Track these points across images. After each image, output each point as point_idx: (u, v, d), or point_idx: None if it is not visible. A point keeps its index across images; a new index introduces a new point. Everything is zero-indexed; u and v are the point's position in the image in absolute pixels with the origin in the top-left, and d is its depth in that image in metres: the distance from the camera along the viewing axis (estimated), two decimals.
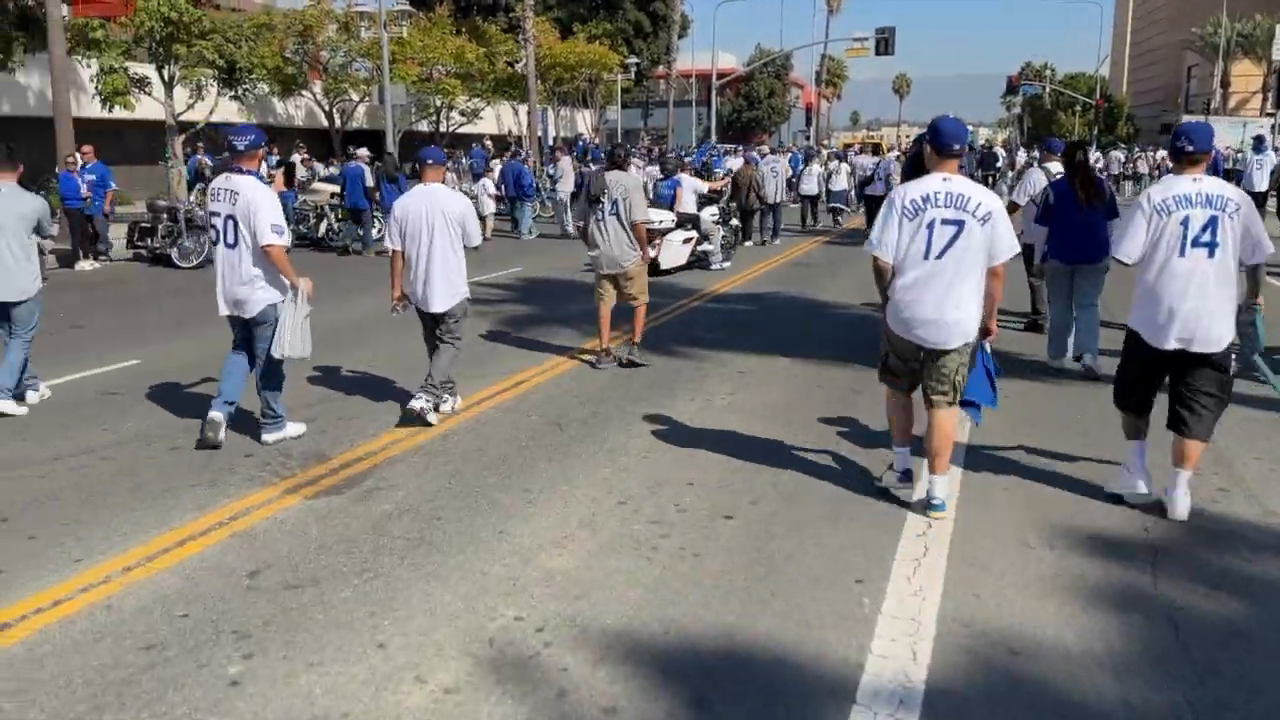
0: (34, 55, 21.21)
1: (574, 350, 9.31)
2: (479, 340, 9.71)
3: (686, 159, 25.21)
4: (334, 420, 6.93)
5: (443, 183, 7.12)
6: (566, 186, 22.01)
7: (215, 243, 6.29)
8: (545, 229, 21.90)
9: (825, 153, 32.05)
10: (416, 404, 6.70)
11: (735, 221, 17.81)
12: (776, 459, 6.01)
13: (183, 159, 21.83)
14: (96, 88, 20.84)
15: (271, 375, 6.43)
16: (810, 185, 23.01)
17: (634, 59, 47.96)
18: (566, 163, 22.58)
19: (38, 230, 7.52)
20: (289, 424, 6.50)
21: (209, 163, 22.21)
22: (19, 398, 7.35)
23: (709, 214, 16.02)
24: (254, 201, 6.07)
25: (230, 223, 6.12)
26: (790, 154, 28.79)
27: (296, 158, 25.83)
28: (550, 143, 38.10)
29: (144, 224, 16.86)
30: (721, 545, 4.71)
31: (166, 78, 21.69)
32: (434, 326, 7.05)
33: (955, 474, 5.53)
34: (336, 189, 19.74)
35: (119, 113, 21.20)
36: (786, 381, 8.10)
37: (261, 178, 6.42)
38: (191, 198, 18.35)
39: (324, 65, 32.29)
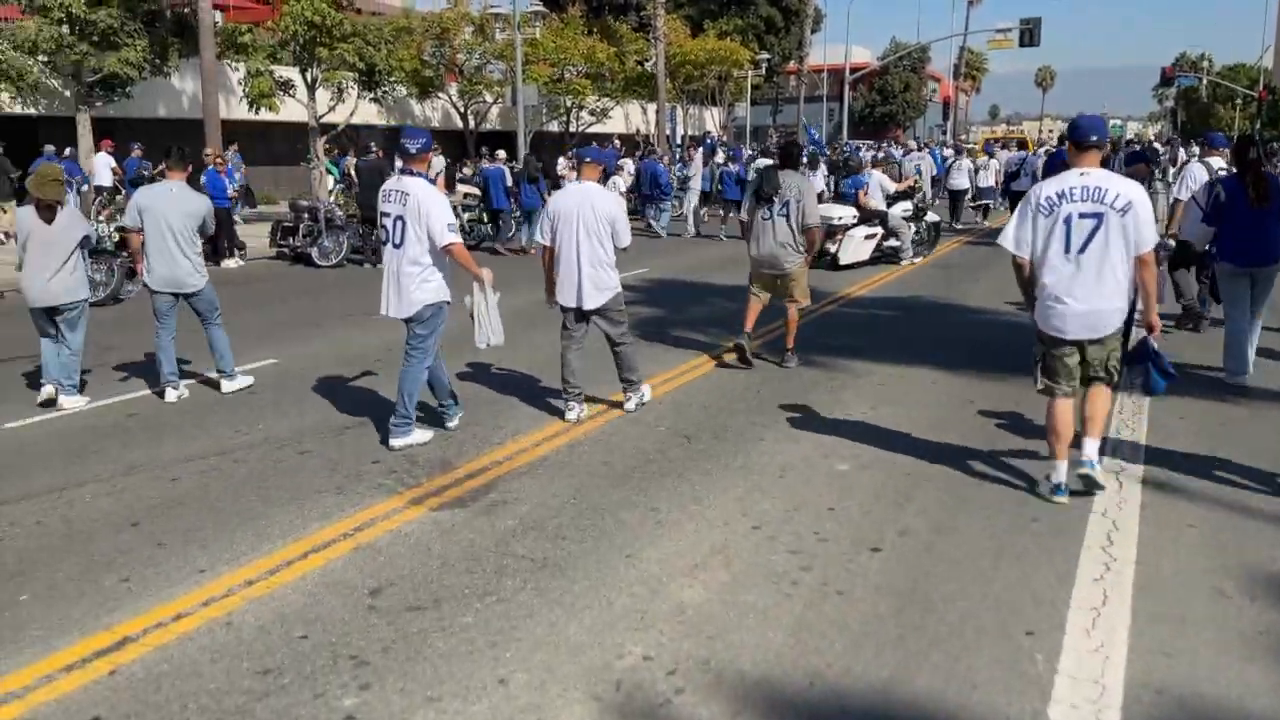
0: (188, 60, 22.16)
1: (703, 356, 8.97)
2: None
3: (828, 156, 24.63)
4: (461, 425, 6.79)
5: (599, 181, 7.08)
6: (698, 185, 21.73)
7: (384, 243, 6.31)
8: (673, 228, 21.63)
9: (969, 148, 30.80)
10: (572, 415, 6.87)
11: (933, 217, 17.36)
12: (925, 483, 5.54)
13: (324, 160, 22.45)
14: (244, 90, 21.61)
15: (416, 378, 6.37)
16: (960, 180, 22.17)
17: (765, 55, 47.22)
18: (699, 161, 22.31)
19: (201, 229, 7.78)
20: (417, 430, 6.40)
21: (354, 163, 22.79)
22: (160, 394, 7.55)
23: (900, 210, 15.93)
24: (425, 203, 6.07)
25: (400, 223, 6.12)
26: (929, 149, 27.76)
27: (441, 161, 26.36)
28: (679, 141, 37.87)
29: (286, 223, 17.34)
30: (869, 582, 4.29)
31: (309, 80, 22.34)
32: (581, 324, 7.02)
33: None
34: (474, 190, 19.98)
35: (264, 114, 21.95)
36: (931, 394, 7.57)
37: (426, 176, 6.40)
38: (331, 198, 18.80)
39: (459, 67, 32.87)
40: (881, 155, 24.04)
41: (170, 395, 7.60)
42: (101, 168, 19.21)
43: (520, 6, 26.12)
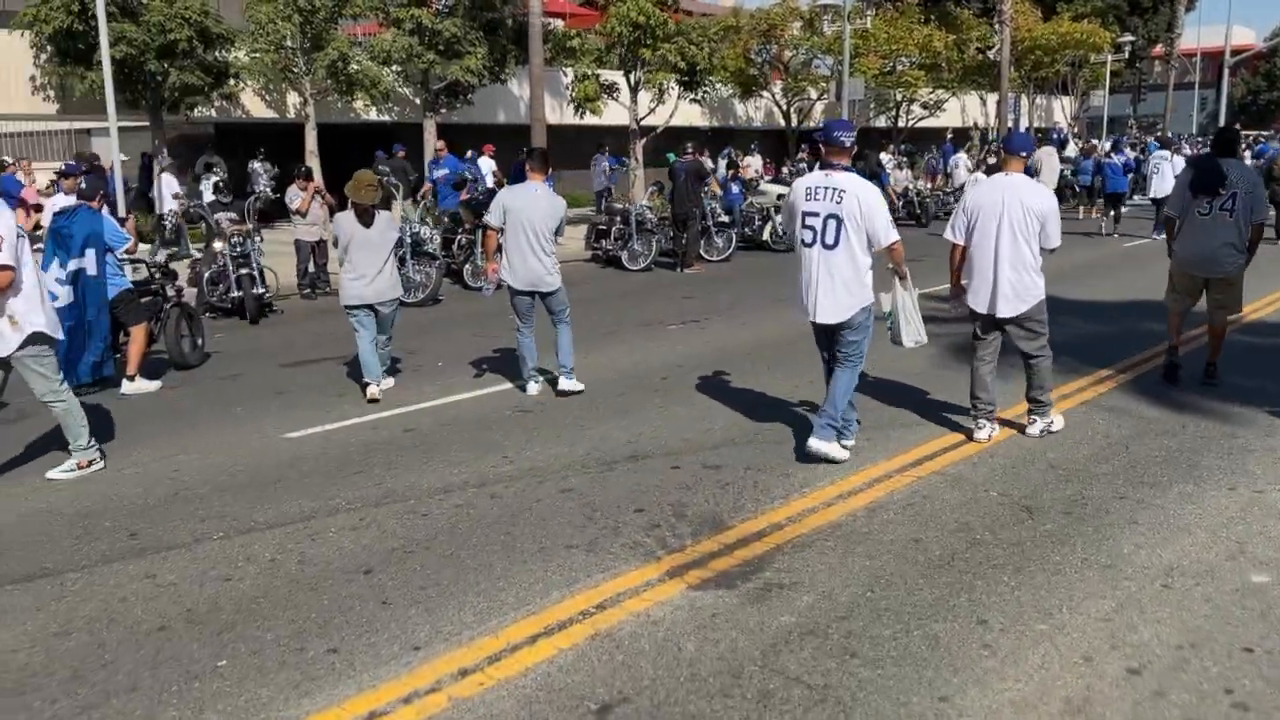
0: (523, 66, 22.87)
1: (1062, 391, 7.33)
2: (930, 367, 8.09)
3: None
4: (740, 469, 5.77)
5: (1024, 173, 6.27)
6: (1051, 180, 19.38)
7: (808, 245, 5.73)
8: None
9: None
10: (983, 434, 6.20)
11: None
12: None
13: (643, 162, 22.36)
14: (570, 95, 21.96)
15: (851, 384, 5.89)
16: None
17: (1128, 37, 42.18)
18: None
19: (556, 231, 7.64)
20: (837, 443, 5.92)
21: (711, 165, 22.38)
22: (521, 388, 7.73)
23: None
24: (866, 200, 5.62)
25: (832, 222, 5.64)
26: None
27: (751, 160, 25.66)
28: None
29: (600, 226, 17.23)
30: None
31: (632, 83, 22.33)
32: (993, 332, 6.23)
33: None
34: (786, 190, 18.97)
35: (588, 118, 22.22)
36: None
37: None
38: (646, 200, 18.51)
39: (785, 64, 31.94)
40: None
41: (532, 388, 7.73)
42: (484, 171, 19.78)
43: None
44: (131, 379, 8.15)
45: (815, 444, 5.79)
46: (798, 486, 5.50)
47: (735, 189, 19.28)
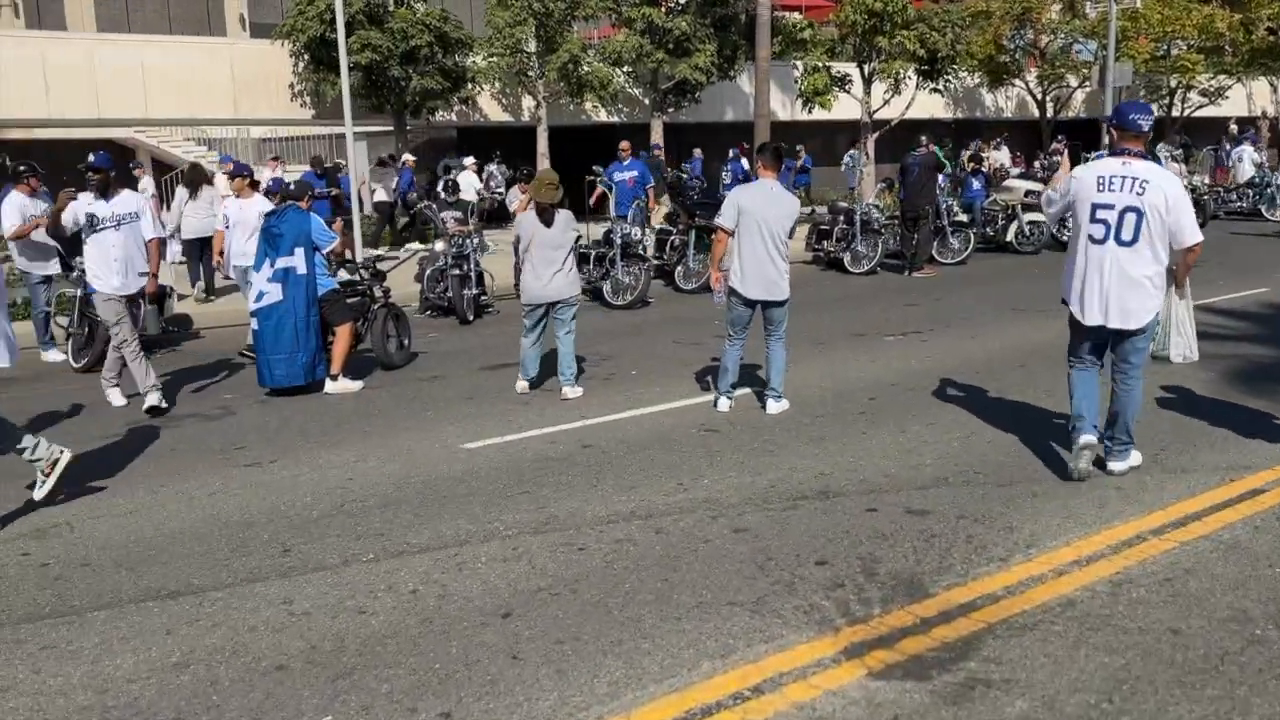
0: (753, 62, 22.24)
1: None
2: (1205, 391, 6.80)
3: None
4: (952, 518, 4.90)
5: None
6: None
7: (1100, 241, 5.17)
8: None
9: None
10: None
11: None
12: None
13: (873, 159, 21.15)
14: (800, 89, 21.12)
15: (1138, 398, 5.42)
16: None
17: None
18: None
19: (790, 233, 7.02)
20: (1134, 451, 5.51)
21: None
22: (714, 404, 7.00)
23: None
24: (1174, 194, 5.09)
25: (1131, 216, 5.11)
26: None
27: (997, 153, 23.79)
28: None
29: (823, 225, 16.33)
30: None
31: (865, 74, 21.17)
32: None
33: None
34: (1036, 187, 17.29)
35: (817, 113, 21.29)
36: None
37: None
38: (871, 199, 17.42)
39: (1041, 50, 29.51)
40: None
41: (723, 405, 7.11)
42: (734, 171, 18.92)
43: None
44: (335, 379, 8.22)
45: (1117, 466, 5.44)
46: (1022, 545, 4.57)
47: (976, 184, 17.79)
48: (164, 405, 7.59)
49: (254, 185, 10.26)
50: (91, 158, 8.94)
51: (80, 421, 7.54)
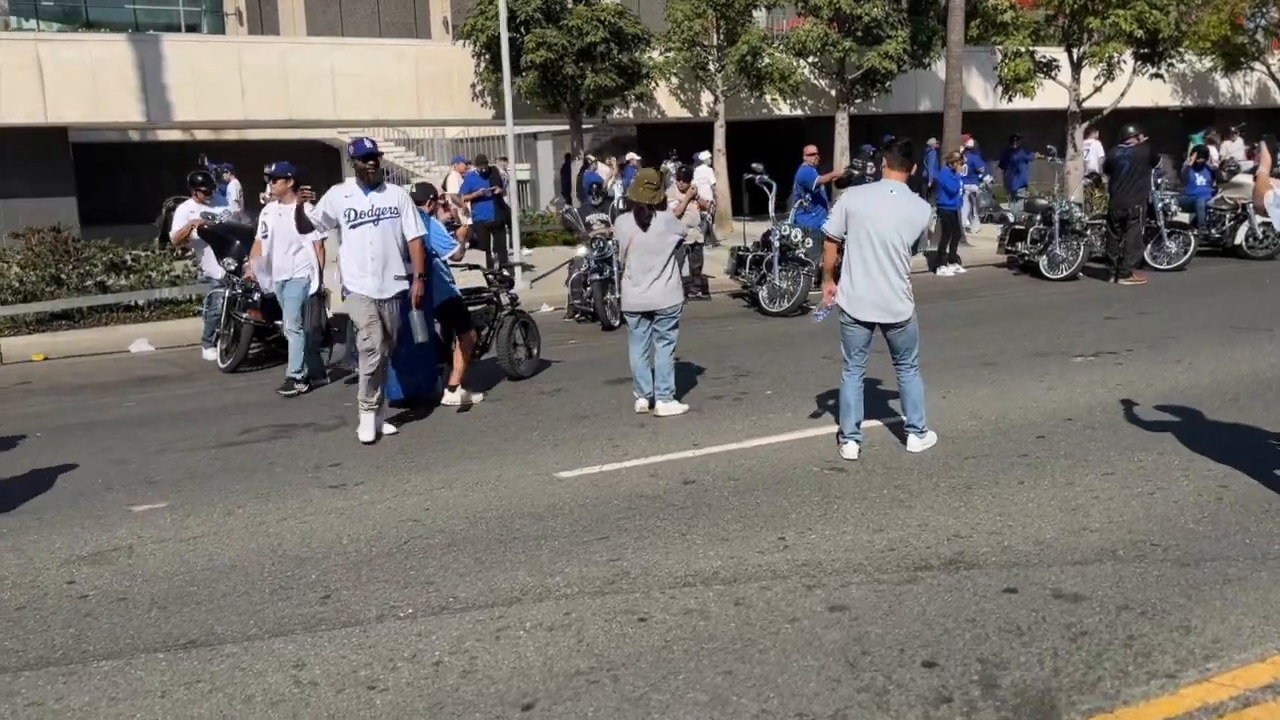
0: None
1: None
2: None
3: None
4: (1112, 608, 3.88)
5: None
6: None
7: None
8: None
9: None
10: None
11: None
12: None
13: (1081, 151, 19.15)
14: (999, 75, 19.42)
15: None
16: None
17: None
18: None
19: (915, 245, 6.08)
20: None
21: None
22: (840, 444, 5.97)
23: None
24: None
25: None
26: None
27: (1230, 145, 21.12)
28: None
29: (1017, 226, 14.84)
30: None
31: (1074, 58, 19.20)
32: None
33: None
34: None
35: (1018, 102, 19.53)
36: None
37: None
38: (1071, 198, 15.72)
39: None
40: None
41: (849, 451, 6.00)
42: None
43: None
44: (453, 389, 7.86)
45: None
46: (1199, 655, 3.53)
47: (1201, 180, 15.71)
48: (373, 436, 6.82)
49: (298, 187, 8.69)
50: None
51: (201, 422, 7.51)
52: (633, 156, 20.70)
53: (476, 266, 8.84)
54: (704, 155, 20.45)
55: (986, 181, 19.54)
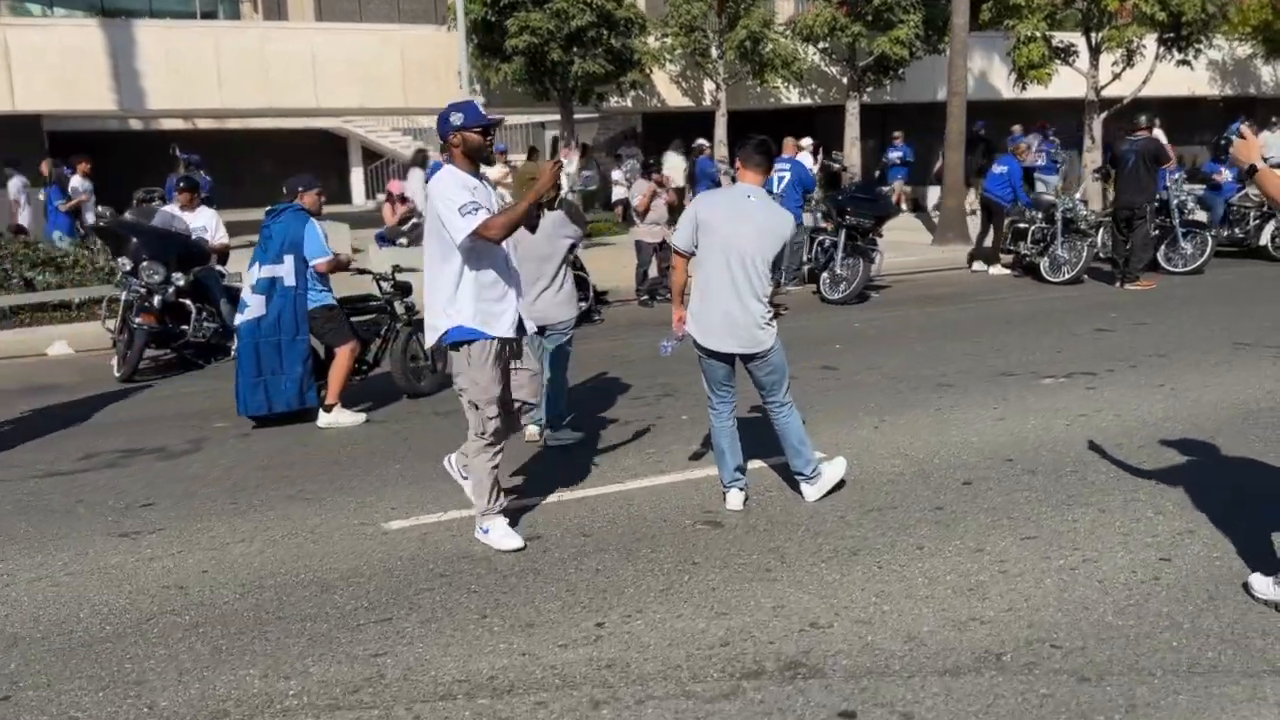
0: (976, 35, 19.34)
1: None
2: None
3: None
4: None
5: None
6: None
7: None
8: None
9: None
10: None
11: None
12: None
13: (1100, 143, 17.87)
14: (1012, 61, 18.21)
15: None
16: None
17: None
18: None
19: (775, 262, 5.08)
20: None
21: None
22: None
23: None
24: None
25: None
26: None
27: (1268, 135, 19.63)
28: None
29: (1019, 224, 13.70)
30: None
31: (1093, 44, 17.91)
32: None
33: None
34: None
35: (1031, 91, 18.30)
36: None
37: None
38: (1079, 193, 14.55)
39: None
40: None
41: (732, 500, 5.06)
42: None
43: None
44: (329, 409, 7.03)
45: None
46: None
47: (1228, 175, 14.45)
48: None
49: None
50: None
51: (51, 444, 6.72)
52: (702, 142, 19.74)
53: (366, 271, 7.98)
54: (702, 142, 19.58)
55: (1063, 172, 18.34)
